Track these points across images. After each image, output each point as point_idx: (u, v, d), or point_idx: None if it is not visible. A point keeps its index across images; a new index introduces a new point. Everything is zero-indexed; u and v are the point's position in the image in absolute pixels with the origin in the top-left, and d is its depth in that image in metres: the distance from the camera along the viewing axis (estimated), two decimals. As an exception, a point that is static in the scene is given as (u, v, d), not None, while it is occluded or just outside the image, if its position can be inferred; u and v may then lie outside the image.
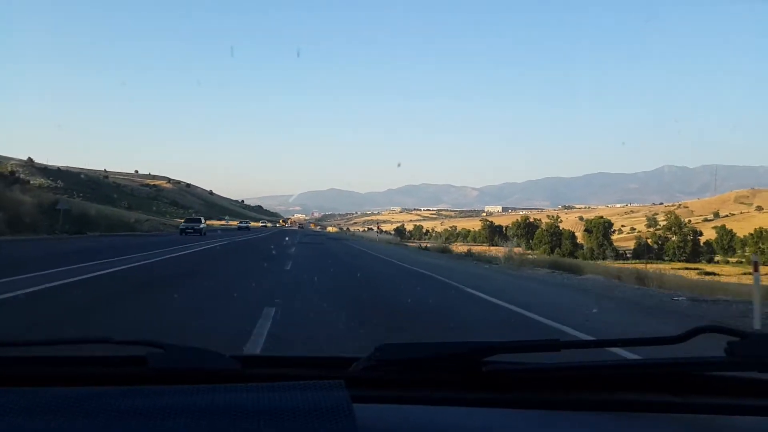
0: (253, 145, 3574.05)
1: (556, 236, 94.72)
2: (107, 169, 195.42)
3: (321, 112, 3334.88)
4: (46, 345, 1.36)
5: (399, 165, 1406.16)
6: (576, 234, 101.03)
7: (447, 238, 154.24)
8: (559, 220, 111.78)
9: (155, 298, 8.39)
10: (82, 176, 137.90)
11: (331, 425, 0.82)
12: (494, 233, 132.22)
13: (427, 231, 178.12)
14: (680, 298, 10.82)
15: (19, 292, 7.80)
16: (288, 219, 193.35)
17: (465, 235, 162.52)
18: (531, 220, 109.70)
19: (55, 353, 1.26)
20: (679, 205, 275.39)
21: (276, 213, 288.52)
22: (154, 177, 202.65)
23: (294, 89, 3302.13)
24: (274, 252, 22.89)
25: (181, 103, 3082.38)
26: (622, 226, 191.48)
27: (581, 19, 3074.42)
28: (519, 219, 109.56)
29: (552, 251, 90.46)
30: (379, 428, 0.91)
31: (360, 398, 0.96)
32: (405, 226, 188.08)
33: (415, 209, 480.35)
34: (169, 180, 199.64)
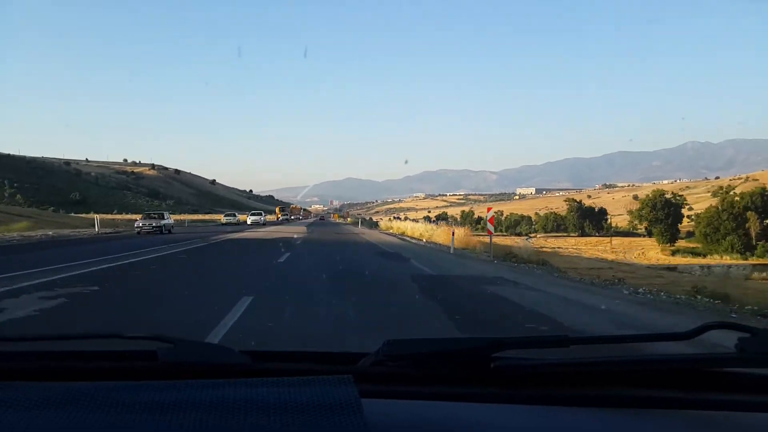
0: (269, 139, 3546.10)
1: (737, 220, 58.87)
2: (89, 159, 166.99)
3: (333, 102, 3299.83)
4: (56, 340, 1.36)
5: (406, 162, 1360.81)
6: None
7: (509, 227, 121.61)
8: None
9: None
10: (30, 164, 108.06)
11: (340, 420, 0.82)
12: (584, 218, 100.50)
13: (480, 218, 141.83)
14: None
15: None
16: (290, 206, 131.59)
17: (525, 221, 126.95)
18: (668, 195, 73.67)
19: (65, 348, 1.26)
20: (747, 177, 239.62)
21: (290, 204, 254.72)
22: (136, 164, 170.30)
23: (306, 80, 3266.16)
24: None
25: (194, 99, 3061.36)
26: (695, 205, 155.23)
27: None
28: (651, 194, 73.30)
29: (745, 248, 55.52)
30: (387, 423, 0.91)
31: (368, 393, 0.96)
32: (447, 213, 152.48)
33: (440, 194, 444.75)
34: (153, 166, 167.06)
